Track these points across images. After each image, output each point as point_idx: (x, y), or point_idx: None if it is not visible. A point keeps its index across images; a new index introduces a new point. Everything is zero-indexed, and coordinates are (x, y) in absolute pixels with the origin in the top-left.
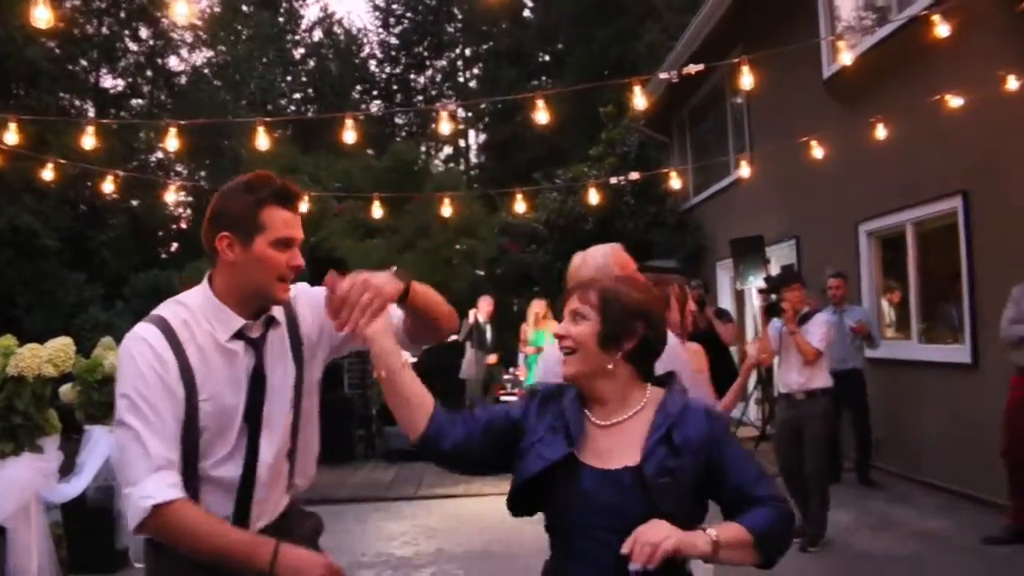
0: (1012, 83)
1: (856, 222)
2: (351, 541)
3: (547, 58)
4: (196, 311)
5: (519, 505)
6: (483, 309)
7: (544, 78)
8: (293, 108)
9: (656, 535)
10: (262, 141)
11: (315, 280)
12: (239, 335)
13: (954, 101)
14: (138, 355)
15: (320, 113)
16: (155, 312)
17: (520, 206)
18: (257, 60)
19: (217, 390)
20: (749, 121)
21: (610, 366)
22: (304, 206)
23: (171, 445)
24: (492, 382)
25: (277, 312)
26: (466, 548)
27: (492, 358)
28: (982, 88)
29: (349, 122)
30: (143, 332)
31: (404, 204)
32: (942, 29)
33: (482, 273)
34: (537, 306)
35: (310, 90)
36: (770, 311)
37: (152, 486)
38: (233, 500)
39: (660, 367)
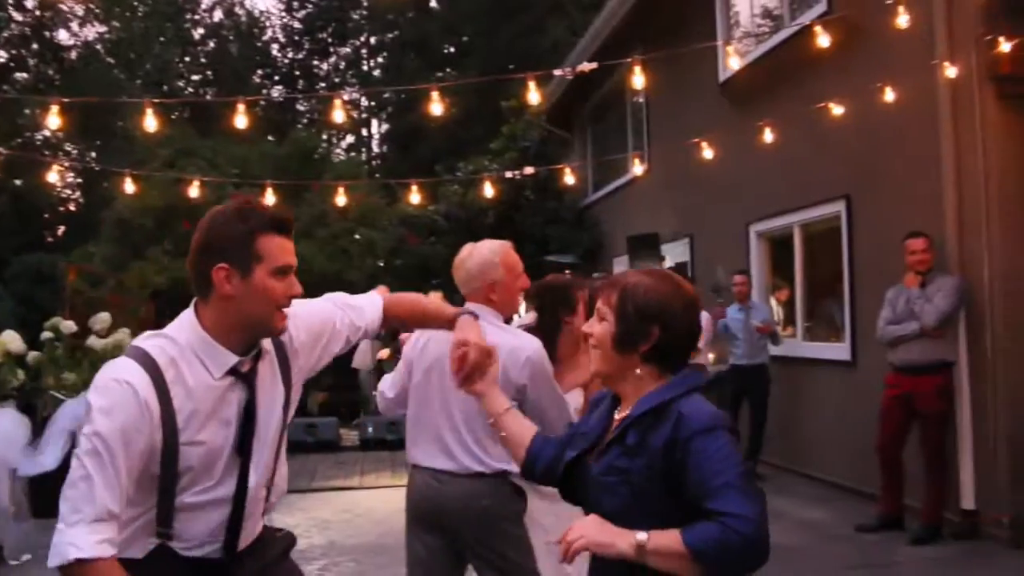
0: (889, 95)
1: (747, 222)
2: None
3: (452, 50)
4: (185, 348)
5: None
6: None
7: (449, 69)
8: (191, 90)
9: (574, 532)
10: (151, 122)
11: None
12: (231, 371)
13: (837, 110)
14: (119, 399)
15: (219, 96)
16: (140, 346)
17: (417, 199)
18: (154, 38)
19: (204, 430)
20: (648, 121)
21: (629, 367)
22: (194, 191)
23: (118, 499)
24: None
25: (264, 341)
26: (359, 541)
27: (384, 353)
28: (864, 98)
29: (242, 107)
30: (128, 373)
31: (302, 192)
32: (823, 40)
33: (381, 264)
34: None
35: (209, 72)
36: None
37: (83, 538)
38: (218, 523)
39: None
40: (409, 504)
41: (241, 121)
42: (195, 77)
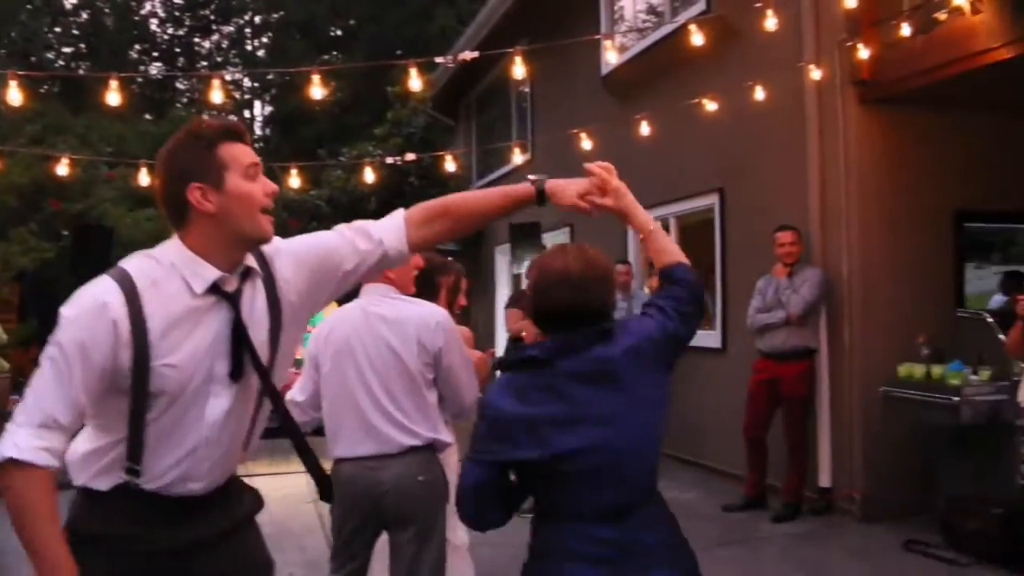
0: (760, 93)
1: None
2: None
3: (339, 33)
4: (169, 268)
5: None
6: None
7: (335, 53)
8: (62, 63)
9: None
10: (15, 96)
11: (78, 250)
12: (214, 289)
13: (711, 106)
14: (85, 312)
15: (94, 71)
16: (122, 264)
17: (296, 183)
18: (20, 4)
19: (180, 352)
20: (532, 110)
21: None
22: (63, 169)
23: (69, 410)
24: None
25: (253, 263)
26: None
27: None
28: (737, 96)
29: (115, 83)
30: (103, 289)
31: None
32: (700, 38)
33: None
34: None
35: (82, 45)
36: None
37: (24, 439)
38: (187, 452)
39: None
40: (339, 498)
41: (114, 98)
42: (67, 49)
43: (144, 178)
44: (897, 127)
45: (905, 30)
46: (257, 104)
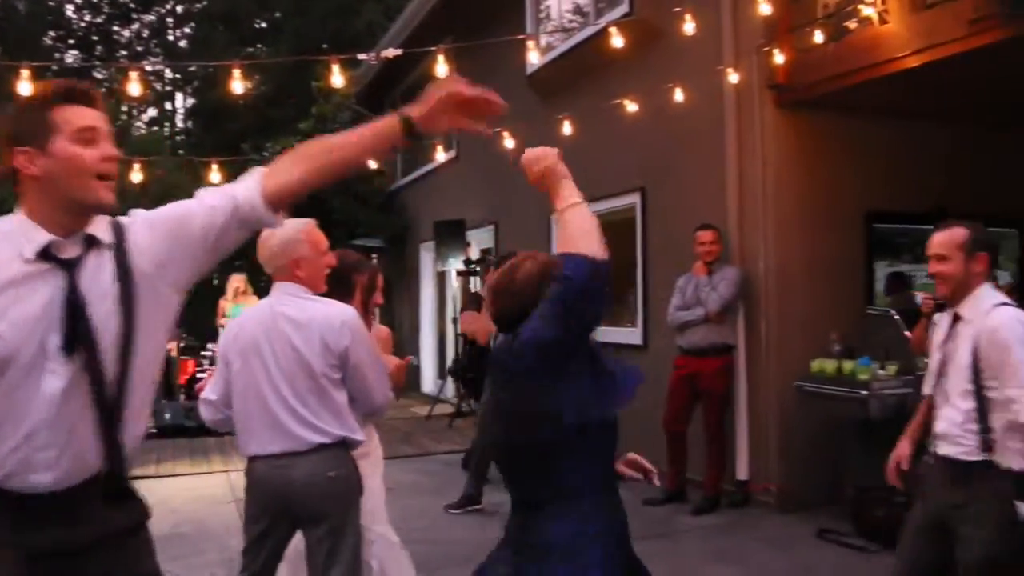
0: (680, 95)
1: (550, 211)
2: None
3: (263, 25)
4: (5, 234)
5: None
6: None
7: (259, 45)
8: None
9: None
10: None
11: None
12: (46, 255)
13: (633, 107)
14: None
15: (3, 58)
16: None
17: (216, 178)
18: None
19: (10, 320)
20: None
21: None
22: None
23: None
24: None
25: (103, 233)
26: (155, 531)
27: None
28: (659, 97)
29: (26, 72)
30: None
31: None
32: (622, 40)
33: None
34: (237, 280)
35: None
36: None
37: None
38: (23, 439)
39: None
40: (251, 496)
41: (26, 88)
42: None
43: None
44: (811, 130)
45: (818, 37)
46: (179, 96)
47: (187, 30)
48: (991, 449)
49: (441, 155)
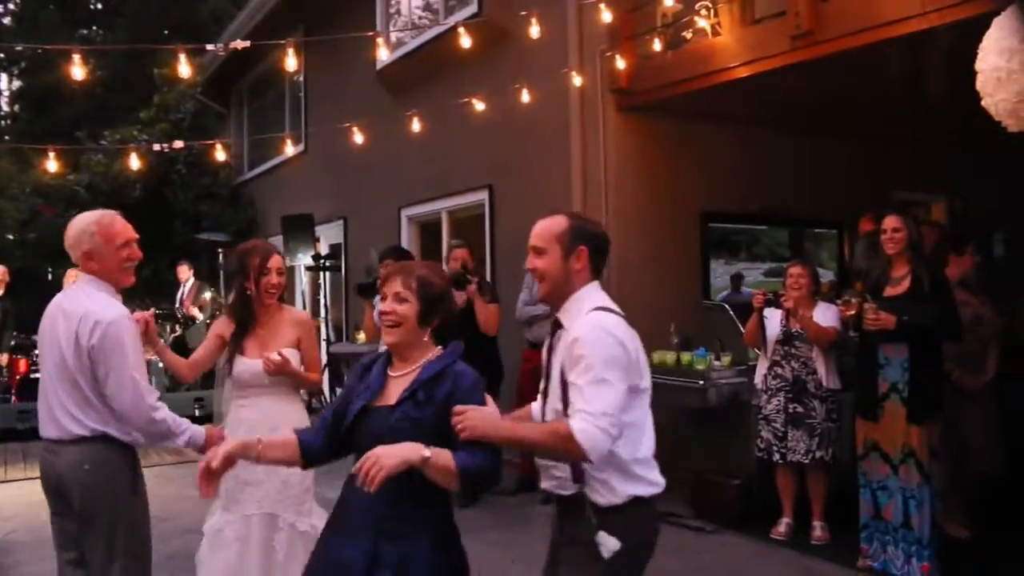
0: (527, 96)
1: (399, 207)
2: None
3: (99, 6)
4: None
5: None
6: None
7: (95, 28)
8: None
9: (370, 461)
10: None
11: None
12: None
13: (481, 105)
14: None
15: None
16: None
17: (54, 166)
18: None
19: None
20: (306, 101)
21: (420, 338)
22: None
23: None
24: None
25: None
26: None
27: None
28: (507, 97)
29: None
30: None
31: None
32: (470, 40)
33: (11, 237)
34: (73, 275)
35: None
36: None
37: None
38: None
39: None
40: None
41: None
42: None
43: None
44: (651, 133)
45: (657, 45)
46: (3, 78)
47: (12, 7)
48: (582, 480)
49: (291, 148)
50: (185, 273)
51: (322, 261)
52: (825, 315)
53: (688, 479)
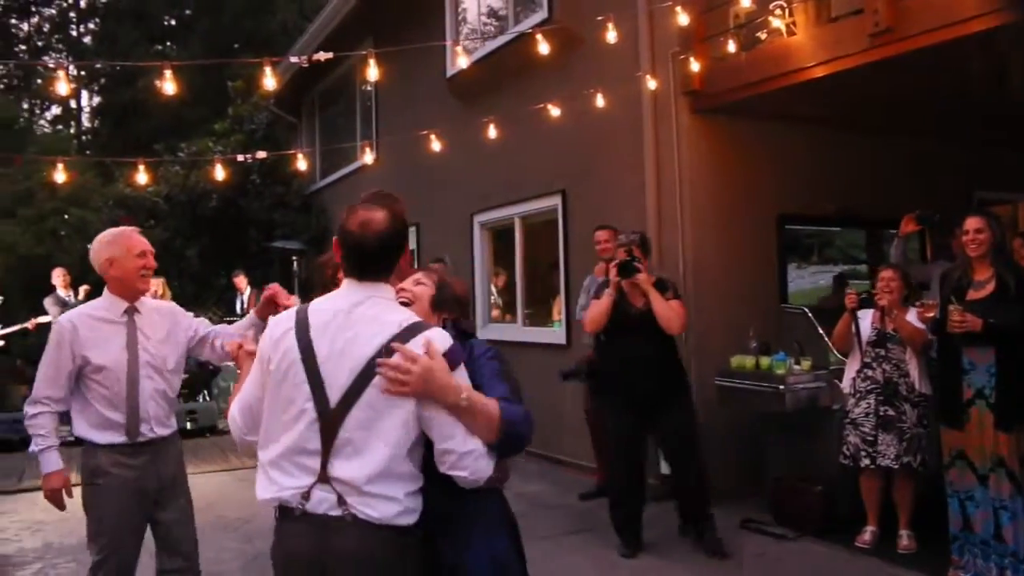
0: (601, 101)
1: (471, 213)
2: None
3: (173, 23)
4: None
5: None
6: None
7: (169, 44)
8: None
9: (422, 364)
10: None
11: None
12: None
13: (555, 111)
14: None
15: None
16: None
17: (140, 178)
18: None
19: None
20: (377, 110)
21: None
22: None
23: None
24: None
25: None
26: (79, 539)
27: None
28: (579, 102)
29: None
30: None
31: (1, 166)
32: (543, 47)
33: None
34: (154, 284)
35: None
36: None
37: None
38: None
39: None
40: None
41: None
42: None
43: None
44: (725, 135)
45: (731, 46)
46: (84, 94)
47: (92, 26)
48: None
49: (367, 157)
50: (243, 283)
51: None
52: (917, 320)
53: (768, 485)
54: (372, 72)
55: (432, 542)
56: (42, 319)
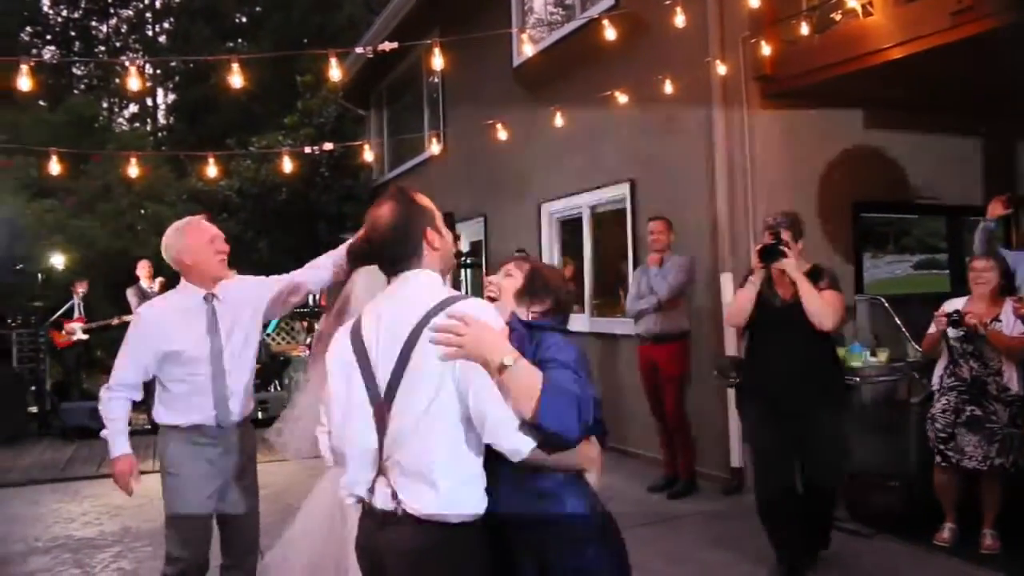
0: (669, 87)
1: (539, 203)
2: (22, 526)
3: (244, 20)
4: None
5: None
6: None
7: (240, 40)
8: None
9: (465, 332)
10: None
11: None
12: None
13: (622, 98)
14: None
15: None
16: None
17: (212, 172)
18: None
19: None
20: (444, 101)
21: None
22: None
23: None
24: None
25: None
26: (156, 524)
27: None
28: (647, 89)
29: (25, 67)
30: None
31: (81, 163)
32: (610, 33)
33: None
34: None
35: None
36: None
37: None
38: None
39: None
40: None
41: (25, 83)
42: None
43: (55, 167)
44: (798, 120)
45: (804, 29)
46: (160, 92)
47: (166, 25)
48: None
49: (435, 147)
50: None
51: (463, 259)
52: (1013, 314)
53: (843, 480)
54: (437, 61)
55: (508, 548)
56: (127, 318)
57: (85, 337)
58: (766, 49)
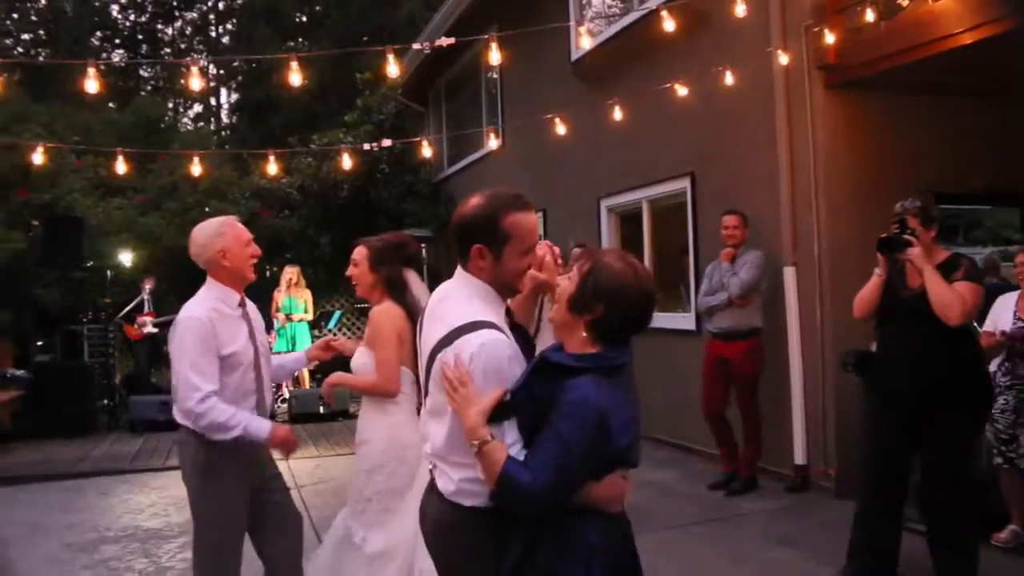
0: (729, 78)
1: (598, 198)
2: (93, 516)
3: (304, 19)
4: None
5: None
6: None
7: (301, 39)
8: (21, 50)
9: (469, 389)
10: None
11: (48, 240)
12: None
13: (682, 91)
14: None
15: (54, 58)
16: None
17: (273, 169)
18: None
19: None
20: (502, 97)
21: (575, 326)
22: (38, 158)
23: None
24: None
25: None
26: None
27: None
28: (707, 81)
29: (92, 70)
30: None
31: (148, 162)
32: (669, 24)
33: None
34: (290, 272)
35: (41, 31)
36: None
37: None
38: None
39: None
40: None
41: (93, 85)
42: (25, 36)
43: (121, 167)
44: (863, 111)
45: (869, 16)
46: (223, 92)
47: (229, 26)
48: None
49: (493, 143)
50: None
51: None
52: None
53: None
54: (495, 56)
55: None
56: None
57: (155, 331)
58: (829, 38)
